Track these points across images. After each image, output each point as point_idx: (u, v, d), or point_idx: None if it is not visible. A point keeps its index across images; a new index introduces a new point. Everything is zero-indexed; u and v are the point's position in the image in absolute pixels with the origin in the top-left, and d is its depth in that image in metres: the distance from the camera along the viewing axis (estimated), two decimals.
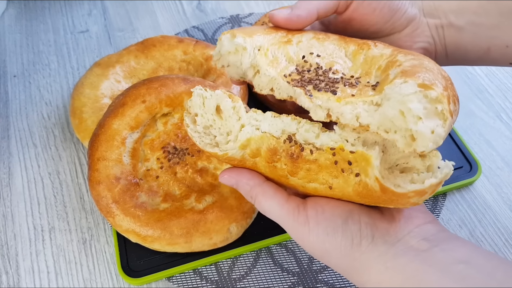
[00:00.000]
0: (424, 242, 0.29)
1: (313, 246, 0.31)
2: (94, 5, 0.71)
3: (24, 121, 0.57)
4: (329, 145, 0.29)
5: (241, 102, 0.31)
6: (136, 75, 0.55)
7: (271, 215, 0.32)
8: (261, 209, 0.33)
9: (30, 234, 0.47)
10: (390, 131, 0.27)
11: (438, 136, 0.25)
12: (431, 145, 0.25)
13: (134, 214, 0.42)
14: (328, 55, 0.33)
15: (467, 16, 0.37)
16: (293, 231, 0.31)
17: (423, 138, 0.25)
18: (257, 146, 0.30)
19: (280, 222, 0.32)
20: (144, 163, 0.45)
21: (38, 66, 0.63)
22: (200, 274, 0.43)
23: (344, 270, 0.31)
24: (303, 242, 0.31)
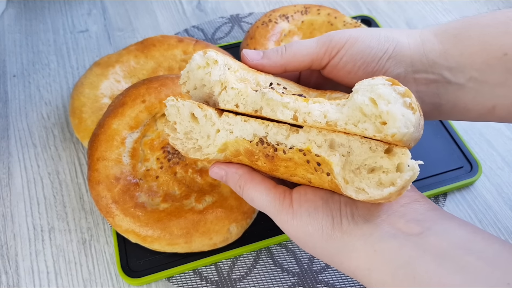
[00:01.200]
0: (413, 225, 0.27)
1: (297, 230, 0.30)
2: (93, 5, 0.71)
3: (23, 121, 0.57)
4: (298, 146, 0.29)
5: (211, 110, 0.32)
6: (136, 75, 0.55)
7: (258, 202, 0.32)
8: (248, 196, 0.33)
9: (29, 234, 0.47)
10: (359, 123, 0.27)
11: (408, 120, 0.25)
12: (402, 127, 0.25)
13: (133, 214, 0.42)
14: (294, 91, 0.34)
15: (468, 73, 0.32)
16: (278, 216, 0.31)
17: (394, 120, 0.25)
18: (235, 148, 0.32)
19: (267, 209, 0.32)
20: (144, 163, 0.45)
21: (37, 65, 0.63)
22: (200, 275, 0.43)
23: (330, 256, 0.30)
24: (288, 227, 0.31)
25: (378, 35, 0.33)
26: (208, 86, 0.33)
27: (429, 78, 0.33)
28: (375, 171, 0.28)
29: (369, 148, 0.28)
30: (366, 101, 0.26)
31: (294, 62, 0.34)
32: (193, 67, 0.33)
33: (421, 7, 0.70)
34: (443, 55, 0.33)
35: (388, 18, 0.69)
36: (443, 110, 0.35)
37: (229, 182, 0.34)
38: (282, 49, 0.34)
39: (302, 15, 0.60)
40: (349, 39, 0.33)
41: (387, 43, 0.33)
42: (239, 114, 0.31)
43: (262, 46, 0.56)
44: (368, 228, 0.29)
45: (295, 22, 0.59)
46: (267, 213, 0.33)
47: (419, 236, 0.27)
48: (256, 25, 0.58)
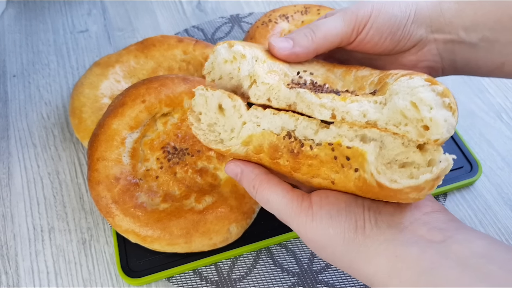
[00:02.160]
0: (436, 232, 0.27)
1: (316, 233, 0.29)
2: (93, 5, 0.71)
3: (23, 121, 0.57)
4: (328, 140, 0.29)
5: (240, 101, 0.31)
6: (135, 75, 0.55)
7: (274, 204, 0.31)
8: (263, 197, 0.32)
9: (29, 234, 0.47)
10: (400, 125, 0.27)
11: (450, 125, 0.26)
12: (445, 132, 0.25)
13: (133, 214, 0.42)
14: (320, 74, 0.33)
15: (481, 33, 0.34)
16: (296, 218, 0.30)
17: (437, 126, 0.25)
18: (259, 143, 0.31)
19: (283, 211, 0.31)
20: (144, 163, 0.45)
21: (37, 66, 0.63)
22: (200, 275, 0.43)
23: (349, 262, 0.29)
24: (305, 230, 0.30)
25: (399, 3, 0.34)
26: (236, 79, 0.32)
27: (446, 38, 0.35)
28: (407, 166, 0.28)
29: (401, 144, 0.28)
30: (408, 105, 0.26)
31: (325, 44, 0.33)
32: (219, 61, 0.32)
33: None
34: (458, 14, 0.34)
35: None
36: (457, 66, 0.37)
37: (243, 181, 0.33)
38: (310, 33, 0.33)
39: (302, 15, 0.60)
40: (373, 11, 0.33)
41: (408, 8, 0.34)
42: (268, 107, 0.31)
43: None
44: (390, 233, 0.28)
45: (295, 22, 0.59)
46: (282, 216, 0.31)
47: (441, 244, 0.26)
48: (256, 25, 0.58)
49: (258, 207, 0.44)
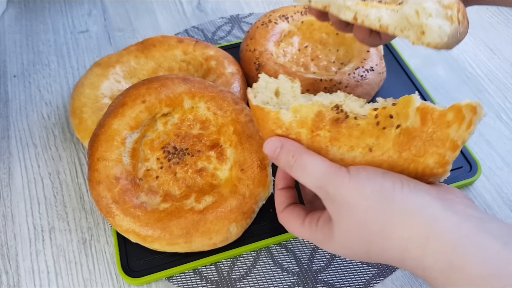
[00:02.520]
0: (472, 210, 0.27)
1: (352, 193, 0.29)
2: (94, 5, 0.71)
3: (24, 121, 0.57)
4: (373, 107, 0.32)
5: (299, 83, 0.37)
6: (136, 75, 0.55)
7: (311, 168, 0.32)
8: (301, 164, 0.32)
9: (30, 234, 0.47)
10: (404, 30, 0.32)
11: (443, 32, 0.30)
12: (436, 37, 0.30)
13: (134, 214, 0.42)
14: None
15: None
16: (332, 180, 0.30)
17: (431, 31, 0.30)
18: (306, 114, 0.33)
19: (319, 174, 0.31)
20: (144, 163, 0.45)
21: (38, 66, 0.63)
22: (200, 274, 0.43)
23: (381, 224, 0.28)
24: (341, 191, 0.30)
25: None
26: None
27: None
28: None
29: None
30: (412, 12, 0.31)
31: None
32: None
33: None
34: None
35: None
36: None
37: (282, 154, 0.33)
38: None
39: (302, 16, 0.60)
40: None
41: None
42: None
43: (262, 47, 0.56)
44: (429, 199, 0.28)
45: (295, 23, 0.59)
46: (318, 178, 0.31)
47: (480, 219, 0.26)
48: (256, 26, 0.59)
49: (258, 207, 0.44)
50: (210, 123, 0.48)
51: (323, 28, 0.59)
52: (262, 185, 0.44)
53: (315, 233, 0.34)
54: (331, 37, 0.59)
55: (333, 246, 0.33)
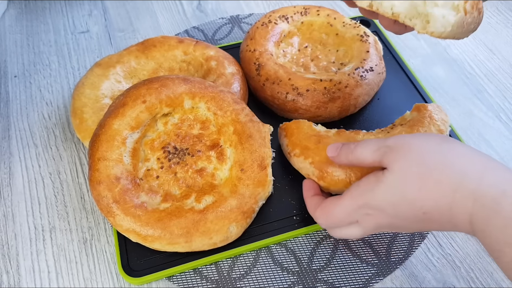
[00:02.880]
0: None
1: (412, 139, 0.34)
2: (94, 6, 0.72)
3: (24, 121, 0.57)
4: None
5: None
6: (136, 75, 0.56)
7: (369, 144, 0.37)
8: (361, 144, 0.38)
9: (30, 233, 0.47)
10: (413, 18, 0.34)
11: (447, 22, 0.31)
12: (439, 27, 0.31)
13: (134, 214, 0.42)
14: None
15: None
16: (388, 138, 0.36)
17: (434, 21, 0.32)
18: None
19: (376, 142, 0.36)
20: (145, 163, 0.45)
21: (38, 66, 0.63)
22: (200, 274, 0.44)
23: (441, 159, 0.32)
24: (401, 140, 0.35)
25: None
26: None
27: None
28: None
29: None
30: (420, 1, 0.33)
31: None
32: None
33: None
34: None
35: None
36: None
37: (343, 148, 0.39)
38: None
39: (302, 16, 0.60)
40: None
41: None
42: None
43: (262, 47, 0.56)
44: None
45: (294, 23, 0.60)
46: (377, 143, 0.36)
47: None
48: (256, 26, 0.59)
49: (258, 206, 0.45)
50: (210, 123, 0.48)
51: (323, 28, 0.59)
52: (262, 185, 0.44)
53: (358, 184, 0.36)
54: (331, 38, 0.59)
55: (379, 191, 0.34)
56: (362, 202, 0.35)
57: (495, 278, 0.44)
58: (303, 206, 0.47)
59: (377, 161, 0.35)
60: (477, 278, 0.44)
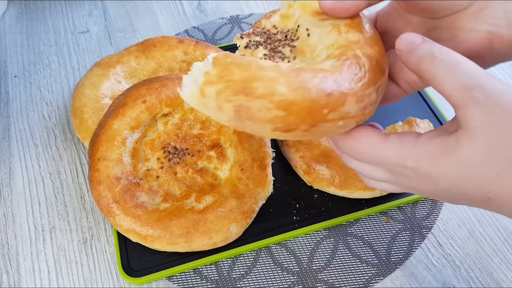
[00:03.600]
0: None
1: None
2: (94, 6, 0.72)
3: (24, 121, 0.57)
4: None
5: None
6: (136, 75, 0.56)
7: (465, 67, 0.24)
8: (450, 59, 0.25)
9: (30, 233, 0.47)
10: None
11: (183, 91, 0.25)
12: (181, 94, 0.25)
13: (134, 214, 0.42)
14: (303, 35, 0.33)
15: None
16: (487, 80, 0.24)
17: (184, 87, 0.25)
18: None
19: (474, 74, 0.24)
20: (145, 163, 0.45)
21: (38, 66, 0.63)
22: (200, 274, 0.44)
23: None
24: (498, 91, 0.23)
25: None
26: None
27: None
28: None
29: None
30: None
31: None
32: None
33: None
34: None
35: None
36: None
37: (424, 44, 0.26)
38: None
39: None
40: None
41: None
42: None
43: None
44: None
45: None
46: (471, 79, 0.24)
47: None
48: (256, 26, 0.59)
49: (258, 206, 0.45)
50: (210, 123, 0.48)
51: None
52: (262, 185, 0.44)
53: (416, 146, 0.26)
54: None
55: (443, 164, 0.25)
56: (412, 165, 0.26)
57: (495, 278, 0.44)
58: (303, 206, 0.47)
59: (457, 102, 0.24)
60: (477, 278, 0.44)
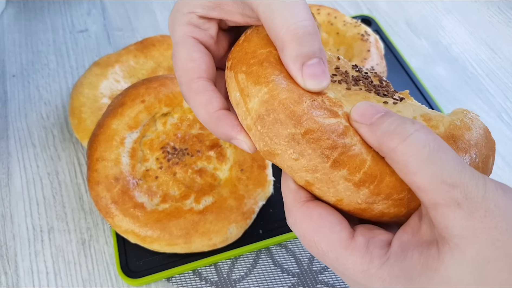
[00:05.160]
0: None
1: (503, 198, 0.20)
2: (93, 5, 0.71)
3: (23, 121, 0.56)
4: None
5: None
6: (135, 74, 0.55)
7: (451, 159, 0.20)
8: (439, 141, 0.20)
9: (29, 234, 0.47)
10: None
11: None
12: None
13: (133, 215, 0.42)
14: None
15: None
16: (473, 179, 0.20)
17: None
18: None
19: (460, 169, 0.20)
20: (143, 163, 0.45)
21: (37, 65, 0.63)
22: (200, 275, 0.43)
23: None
24: (484, 193, 0.20)
25: None
26: None
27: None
28: None
29: None
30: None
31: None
32: None
33: (421, 6, 0.70)
34: None
35: (388, 18, 0.68)
36: None
37: (388, 121, 0.22)
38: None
39: None
40: None
41: None
42: None
43: None
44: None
45: None
46: (455, 174, 0.19)
47: None
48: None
49: (258, 207, 0.44)
50: None
51: (323, 27, 0.59)
52: (262, 185, 0.44)
53: (388, 263, 0.21)
54: (331, 37, 0.58)
55: (439, 281, 0.19)
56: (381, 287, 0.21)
57: None
58: None
59: (434, 199, 0.20)
60: None
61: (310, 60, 0.23)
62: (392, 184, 0.23)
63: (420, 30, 0.67)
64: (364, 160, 0.23)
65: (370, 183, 0.23)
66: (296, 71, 0.23)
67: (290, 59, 0.23)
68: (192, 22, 0.27)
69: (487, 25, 0.68)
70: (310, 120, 0.23)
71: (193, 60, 0.27)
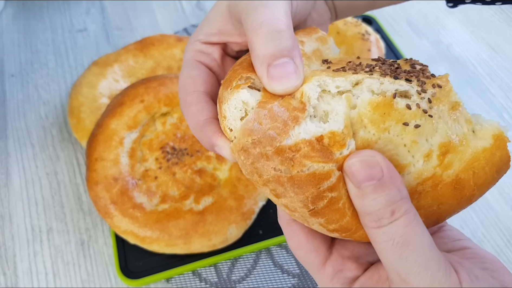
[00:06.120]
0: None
1: None
2: (92, 4, 0.71)
3: (21, 120, 0.56)
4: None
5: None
6: (134, 74, 0.55)
7: (416, 251, 0.21)
8: (406, 238, 0.21)
9: (28, 235, 0.47)
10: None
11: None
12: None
13: (132, 215, 0.41)
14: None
15: None
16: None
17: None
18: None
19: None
20: (143, 164, 0.45)
21: (36, 65, 0.62)
22: (199, 276, 0.43)
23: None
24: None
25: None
26: None
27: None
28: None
29: None
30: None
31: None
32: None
33: (422, 6, 0.70)
34: None
35: (389, 17, 0.68)
36: (337, 13, 0.37)
37: (378, 196, 0.21)
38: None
39: None
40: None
41: None
42: None
43: None
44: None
45: None
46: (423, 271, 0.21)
47: None
48: None
49: (258, 207, 0.44)
50: None
51: None
52: None
53: None
54: (332, 36, 0.58)
55: None
56: None
57: None
58: None
59: (390, 276, 0.22)
60: None
61: (276, 60, 0.21)
62: (365, 236, 0.22)
63: (421, 29, 0.67)
64: (344, 214, 0.22)
65: (343, 232, 0.22)
66: (262, 72, 0.21)
67: (256, 59, 0.22)
68: (196, 48, 0.28)
69: (488, 25, 0.67)
70: (300, 164, 0.20)
71: (191, 76, 0.27)
